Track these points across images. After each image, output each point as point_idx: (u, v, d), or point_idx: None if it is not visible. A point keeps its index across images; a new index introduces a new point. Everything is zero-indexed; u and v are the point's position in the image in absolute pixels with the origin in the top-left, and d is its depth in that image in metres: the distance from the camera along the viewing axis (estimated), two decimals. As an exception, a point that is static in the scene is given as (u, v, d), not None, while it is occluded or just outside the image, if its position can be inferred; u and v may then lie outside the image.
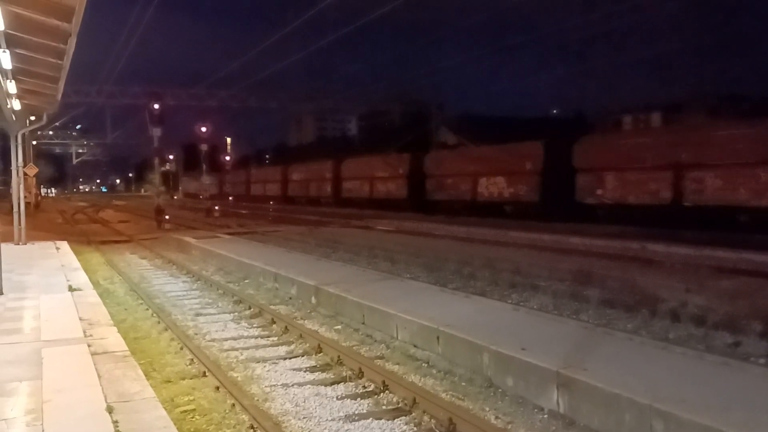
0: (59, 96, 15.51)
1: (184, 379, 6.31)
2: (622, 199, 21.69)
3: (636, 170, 21.12)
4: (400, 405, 5.52)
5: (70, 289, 9.96)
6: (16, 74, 11.91)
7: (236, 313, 9.61)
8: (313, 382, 6.20)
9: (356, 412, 5.40)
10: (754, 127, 18.29)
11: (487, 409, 5.37)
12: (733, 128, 19.06)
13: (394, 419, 5.22)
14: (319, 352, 7.16)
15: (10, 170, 18.04)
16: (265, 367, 6.75)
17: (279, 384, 6.17)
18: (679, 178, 19.73)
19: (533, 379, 5.45)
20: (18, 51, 10.17)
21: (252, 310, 9.64)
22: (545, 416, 5.17)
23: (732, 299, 8.75)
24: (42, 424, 4.31)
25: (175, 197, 66.40)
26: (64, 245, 17.48)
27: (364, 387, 6.05)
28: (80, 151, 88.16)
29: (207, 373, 6.37)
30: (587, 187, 22.94)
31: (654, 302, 8.75)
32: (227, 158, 62.94)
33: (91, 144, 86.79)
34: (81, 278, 11.22)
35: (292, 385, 6.10)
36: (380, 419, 5.22)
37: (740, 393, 4.65)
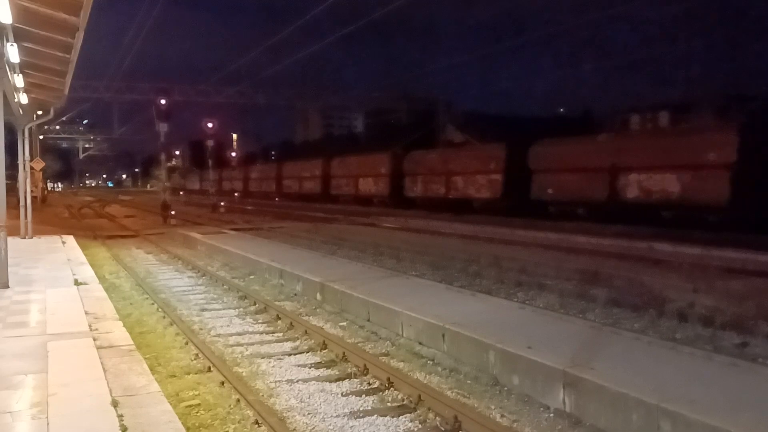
0: (66, 90, 15.56)
1: (189, 373, 6.31)
2: (424, 193, 33.69)
3: (430, 175, 33.31)
4: (405, 402, 5.50)
5: (76, 283, 9.99)
6: (23, 68, 11.92)
7: (241, 309, 9.60)
8: (318, 379, 6.19)
9: (361, 409, 5.38)
10: (474, 151, 31.84)
11: (493, 407, 5.35)
12: (469, 151, 32.67)
13: (399, 416, 5.20)
14: (324, 349, 7.14)
15: (17, 164, 18.09)
16: (270, 362, 6.74)
17: (284, 380, 6.16)
18: (448, 180, 31.76)
19: (539, 377, 5.42)
20: (26, 44, 10.19)
21: (257, 306, 9.64)
22: (551, 415, 5.14)
23: (740, 300, 8.69)
24: (47, 417, 4.31)
25: (181, 193, 67.04)
26: (71, 239, 17.55)
27: (369, 384, 6.03)
28: (87, 146, 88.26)
29: (212, 368, 6.36)
30: (409, 186, 35.40)
31: (661, 302, 8.70)
32: (233, 154, 64.69)
33: (98, 139, 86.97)
34: (87, 272, 11.25)
35: (297, 381, 6.09)
36: (385, 416, 5.20)
37: (748, 394, 4.61)
